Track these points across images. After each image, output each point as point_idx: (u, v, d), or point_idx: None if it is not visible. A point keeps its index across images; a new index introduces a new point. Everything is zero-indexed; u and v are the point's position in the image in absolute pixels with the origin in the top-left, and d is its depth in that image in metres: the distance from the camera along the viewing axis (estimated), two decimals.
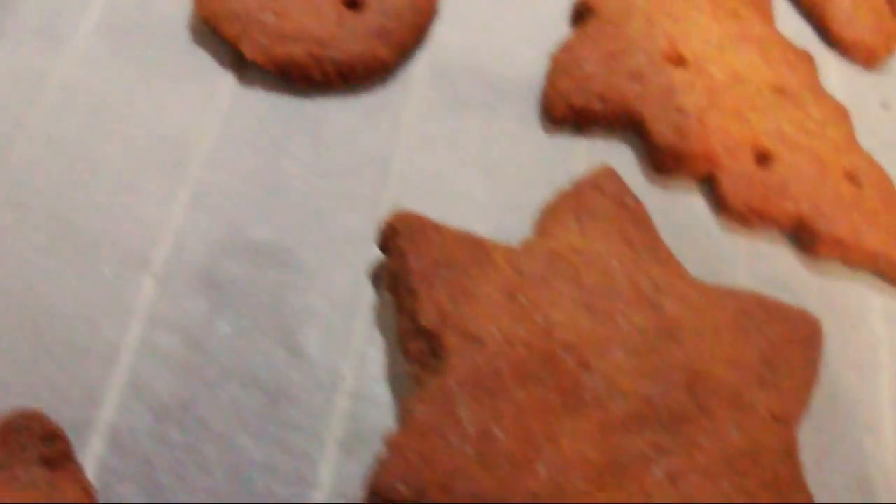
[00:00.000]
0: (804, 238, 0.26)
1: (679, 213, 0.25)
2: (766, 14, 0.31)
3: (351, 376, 0.21)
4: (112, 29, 0.26)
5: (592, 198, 0.24)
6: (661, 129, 0.26)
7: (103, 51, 0.25)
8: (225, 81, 0.25)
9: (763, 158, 0.27)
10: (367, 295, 0.22)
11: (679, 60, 0.27)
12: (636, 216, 0.24)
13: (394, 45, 0.25)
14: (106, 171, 0.23)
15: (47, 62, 0.25)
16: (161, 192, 0.23)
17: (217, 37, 0.25)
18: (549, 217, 0.24)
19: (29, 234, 0.22)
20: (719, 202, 0.26)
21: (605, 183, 0.24)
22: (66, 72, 0.25)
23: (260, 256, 0.22)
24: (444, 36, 0.27)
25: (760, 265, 0.25)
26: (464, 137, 0.25)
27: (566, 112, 0.26)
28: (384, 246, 0.22)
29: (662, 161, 0.26)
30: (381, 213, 0.23)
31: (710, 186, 0.26)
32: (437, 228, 0.22)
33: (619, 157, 0.26)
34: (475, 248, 0.22)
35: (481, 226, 0.23)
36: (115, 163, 0.23)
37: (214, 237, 0.23)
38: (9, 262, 0.22)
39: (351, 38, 0.25)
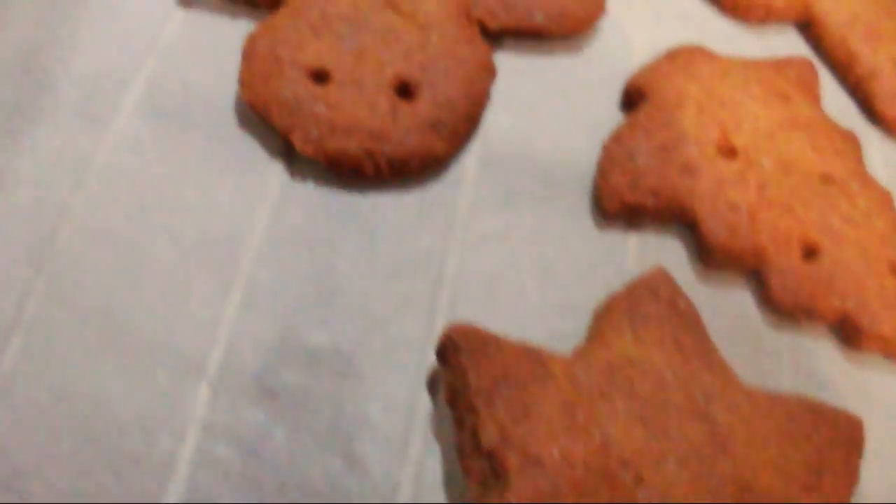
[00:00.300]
0: (848, 333, 0.26)
1: (726, 307, 0.25)
2: (814, 94, 0.31)
3: (408, 486, 0.21)
4: (155, 111, 0.25)
5: (646, 303, 0.24)
6: (713, 227, 0.26)
7: (146, 135, 0.25)
8: (274, 172, 0.25)
9: (810, 252, 0.27)
10: (423, 403, 0.22)
11: (730, 151, 0.27)
12: (688, 321, 0.24)
13: (448, 138, 0.25)
14: (155, 267, 0.23)
15: (89, 146, 0.25)
16: (212, 292, 0.23)
17: (265, 122, 0.25)
18: (604, 323, 0.24)
19: (80, 334, 0.22)
20: (766, 298, 0.26)
21: (658, 286, 0.24)
22: (109, 158, 0.24)
23: (315, 363, 0.22)
24: (495, 123, 0.26)
25: (804, 360, 0.25)
26: (517, 234, 0.25)
27: (619, 208, 0.26)
28: (443, 358, 0.22)
29: (712, 258, 0.26)
30: (437, 317, 0.23)
31: (758, 280, 0.27)
32: (496, 343, 0.22)
33: (670, 251, 0.26)
34: (533, 362, 0.22)
35: (536, 328, 0.23)
36: (165, 259, 0.23)
37: (268, 342, 0.22)
38: (61, 362, 0.21)
39: (405, 131, 0.24)
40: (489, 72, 0.26)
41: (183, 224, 0.24)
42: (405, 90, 0.25)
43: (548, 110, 0.27)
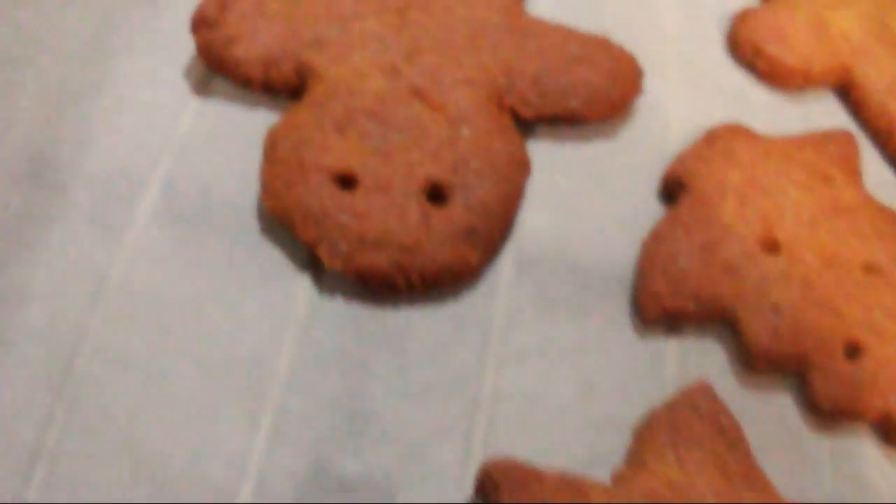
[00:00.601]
0: (890, 432, 0.25)
1: (767, 411, 0.24)
2: (855, 170, 0.29)
3: None
4: (172, 217, 0.24)
5: (688, 422, 0.23)
6: (756, 333, 0.25)
7: (165, 246, 0.23)
8: (301, 286, 0.23)
9: (853, 351, 0.25)
10: None
11: (773, 246, 0.26)
12: (731, 439, 0.23)
13: (482, 247, 0.23)
14: (180, 394, 0.22)
15: (105, 258, 0.23)
16: (241, 420, 0.22)
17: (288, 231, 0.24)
18: (646, 445, 0.23)
19: (106, 465, 0.21)
20: (808, 401, 0.25)
21: (700, 402, 0.24)
22: (126, 271, 0.23)
23: (349, 495, 0.21)
24: (530, 222, 0.25)
25: (845, 462, 0.24)
26: (555, 347, 0.23)
27: (660, 315, 0.24)
28: (482, 495, 0.21)
29: (754, 363, 0.25)
30: (475, 441, 0.22)
31: (799, 380, 0.26)
32: (536, 477, 0.21)
33: (710, 355, 0.25)
34: (574, 494, 0.21)
35: (576, 447, 0.22)
36: (190, 385, 0.22)
37: (301, 473, 0.21)
38: (89, 494, 0.20)
39: (438, 242, 0.23)
40: (524, 168, 0.25)
41: (207, 346, 0.22)
42: (436, 194, 0.24)
43: (584, 204, 0.26)
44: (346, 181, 0.24)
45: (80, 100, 0.25)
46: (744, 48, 0.31)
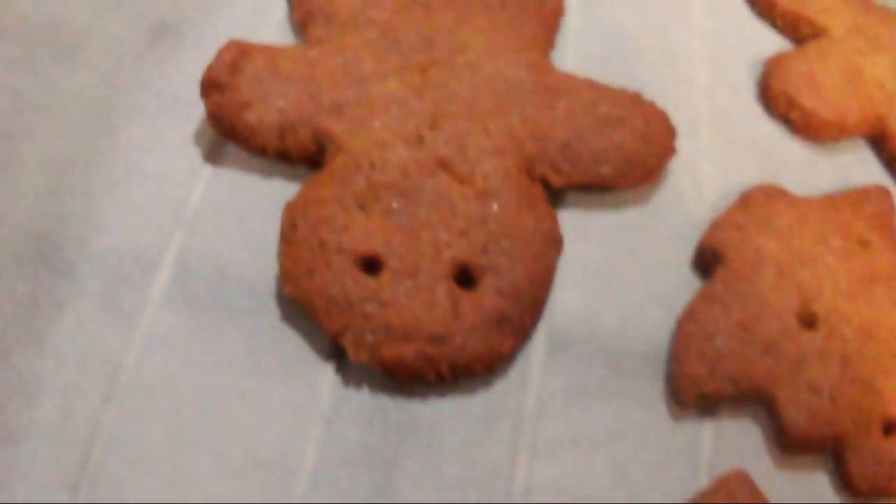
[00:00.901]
0: None
1: (803, 492, 0.24)
2: (892, 232, 0.28)
3: None
4: (186, 300, 0.23)
5: None
6: (793, 415, 0.24)
7: (180, 333, 0.22)
8: (324, 377, 0.22)
9: (889, 428, 0.25)
10: None
11: (811, 320, 0.25)
12: None
13: (514, 334, 0.22)
14: (200, 493, 0.21)
15: (117, 346, 0.22)
16: None
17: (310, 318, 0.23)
18: None
19: None
20: (843, 480, 0.24)
21: (737, 491, 0.23)
22: (140, 361, 0.22)
23: None
24: (561, 300, 0.24)
25: None
26: (587, 434, 0.22)
27: (696, 399, 0.23)
28: None
29: (790, 445, 0.24)
30: None
31: (835, 458, 0.25)
32: None
33: (745, 436, 0.24)
34: None
35: None
36: (211, 485, 0.21)
37: None
38: None
39: (468, 330, 0.22)
40: (556, 244, 0.24)
41: (227, 442, 0.21)
42: (465, 276, 0.23)
43: (616, 278, 0.25)
44: (371, 265, 0.23)
45: (85, 171, 0.24)
46: (777, 100, 0.30)
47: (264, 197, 0.24)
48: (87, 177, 0.24)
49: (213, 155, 0.25)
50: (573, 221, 0.25)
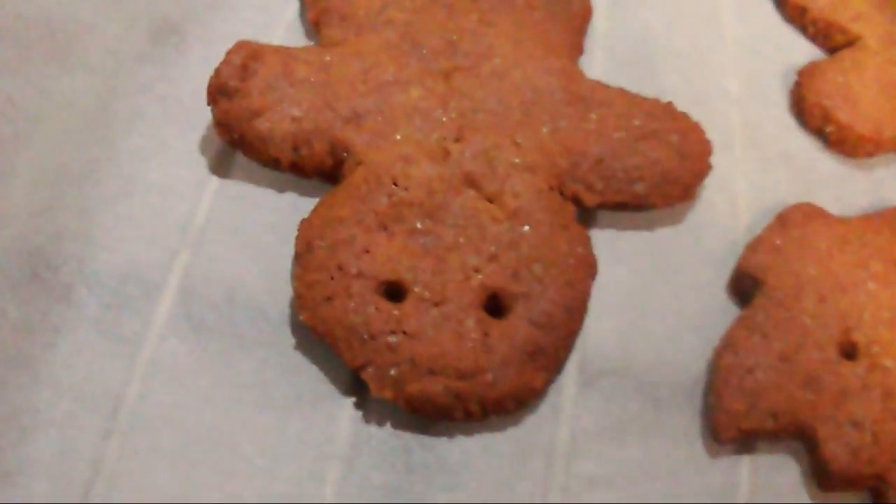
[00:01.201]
0: None
1: None
2: None
3: None
4: (193, 326, 0.21)
5: None
6: (834, 451, 0.23)
7: (186, 362, 0.21)
8: (343, 412, 0.20)
9: None
10: None
11: (852, 351, 0.24)
12: None
13: (547, 367, 0.21)
14: None
15: (119, 377, 0.20)
16: None
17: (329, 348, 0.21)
18: None
19: None
20: None
21: None
22: (143, 392, 0.20)
23: None
24: (594, 329, 0.22)
25: None
26: (622, 474, 0.21)
27: (735, 435, 0.22)
28: None
29: (830, 482, 0.22)
30: None
31: (874, 496, 0.24)
32: None
33: (784, 472, 0.22)
34: None
35: None
36: None
37: None
38: None
39: (499, 365, 0.20)
40: (590, 269, 0.22)
41: (238, 483, 0.20)
42: (495, 304, 0.21)
43: (650, 304, 0.23)
44: (394, 291, 0.21)
45: (82, 184, 0.22)
46: (812, 113, 0.28)
47: (276, 213, 0.23)
48: (85, 190, 0.22)
49: (220, 165, 0.24)
50: (605, 242, 0.24)
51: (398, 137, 0.23)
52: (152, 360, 0.21)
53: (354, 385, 0.21)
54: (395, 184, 0.22)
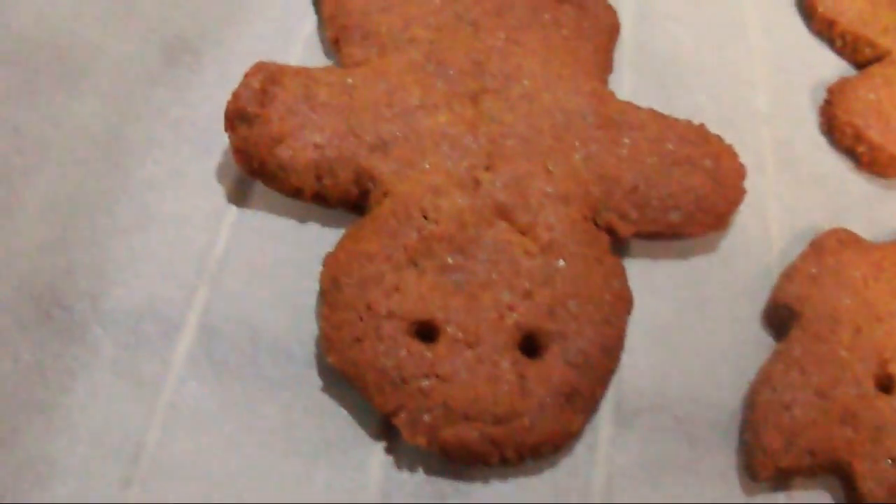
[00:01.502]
0: None
1: None
2: None
3: None
4: (214, 367, 0.20)
5: None
6: (871, 487, 0.22)
7: (207, 406, 0.19)
8: (373, 458, 0.20)
9: None
10: None
11: (889, 383, 0.24)
12: None
13: (584, 409, 0.20)
14: None
15: (138, 421, 0.19)
16: None
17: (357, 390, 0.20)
18: None
19: None
20: None
21: None
22: (164, 438, 0.19)
23: None
24: (629, 365, 0.21)
25: None
26: None
27: (773, 474, 0.22)
28: None
29: None
30: None
31: None
32: None
33: None
34: None
35: None
36: None
37: None
38: None
39: (536, 408, 0.19)
40: (626, 304, 0.21)
41: None
42: (531, 342, 0.21)
43: (685, 338, 0.23)
44: (426, 332, 0.20)
45: (95, 216, 0.21)
46: (843, 132, 0.28)
47: (299, 245, 0.22)
48: (97, 222, 0.21)
49: (239, 194, 0.22)
50: (639, 273, 0.23)
51: (426, 166, 0.22)
52: (172, 403, 0.20)
53: (385, 429, 0.20)
54: (425, 216, 0.21)
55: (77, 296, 0.20)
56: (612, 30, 0.27)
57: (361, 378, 0.20)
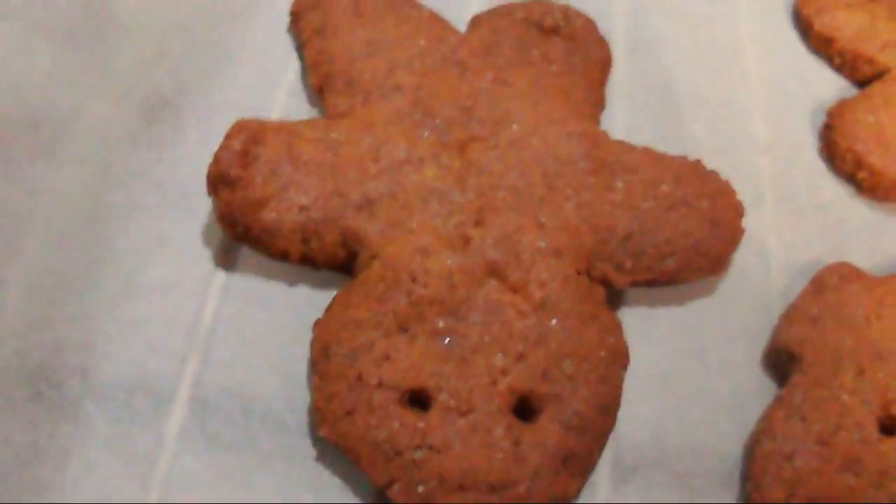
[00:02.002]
0: None
1: None
2: None
3: None
4: (209, 444, 0.19)
5: None
6: None
7: (202, 479, 0.19)
8: None
9: None
10: None
11: (892, 425, 0.23)
12: None
13: (582, 473, 0.20)
14: None
15: (133, 495, 0.19)
16: None
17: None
18: None
19: None
20: None
21: None
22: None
23: None
24: (626, 417, 0.21)
25: None
26: None
27: None
28: None
29: None
30: None
31: None
32: None
33: None
34: None
35: None
36: None
37: None
38: None
39: (531, 474, 0.19)
40: (622, 360, 0.21)
41: None
42: (525, 406, 0.20)
43: (684, 387, 0.22)
44: (418, 399, 0.20)
45: (79, 287, 0.21)
46: (843, 158, 0.27)
47: (289, 310, 0.21)
48: (84, 295, 0.21)
49: (226, 258, 0.22)
50: (635, 322, 0.23)
51: (414, 225, 0.21)
52: (167, 478, 0.20)
53: (380, 500, 0.20)
54: (414, 279, 0.21)
55: (67, 372, 0.20)
56: (604, 64, 0.26)
57: (354, 451, 0.20)
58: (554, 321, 0.21)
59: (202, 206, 0.22)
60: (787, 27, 0.30)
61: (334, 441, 0.20)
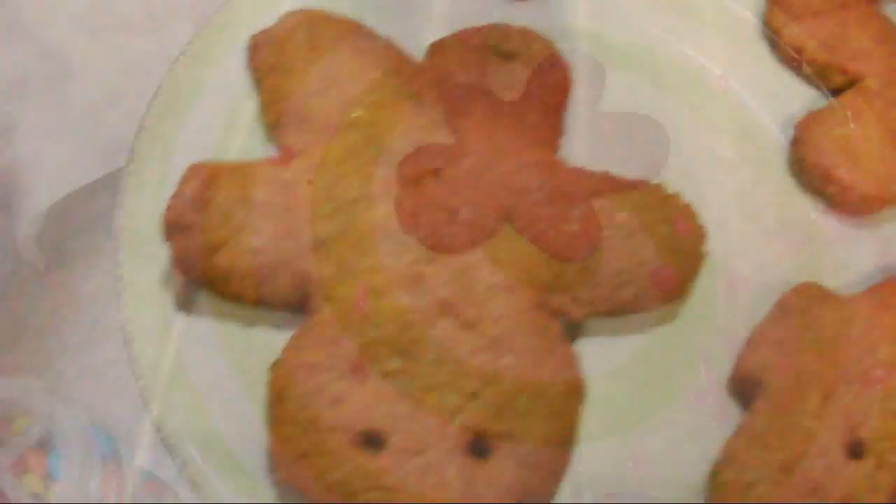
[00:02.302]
0: None
1: None
2: None
3: None
4: (167, 487, 0.20)
5: None
6: None
7: None
8: None
9: None
10: None
11: (858, 449, 0.23)
12: None
13: None
14: None
15: None
16: None
17: None
18: None
19: None
20: None
21: None
22: None
23: None
24: (584, 456, 0.20)
25: None
26: None
27: None
28: None
29: None
30: None
31: None
32: None
33: None
34: None
35: None
36: None
37: None
38: None
39: None
40: (579, 394, 0.21)
41: None
42: (478, 444, 0.20)
43: (645, 417, 0.22)
44: (372, 440, 0.20)
45: (43, 337, 0.22)
46: (811, 173, 0.26)
47: (248, 353, 0.21)
48: (46, 344, 0.22)
49: (185, 302, 0.22)
50: (595, 352, 0.22)
51: (367, 266, 0.22)
52: None
53: None
54: (366, 321, 0.21)
55: (33, 419, 0.21)
56: (563, 88, 0.26)
57: (310, 493, 0.20)
58: (508, 358, 0.21)
59: (161, 250, 0.22)
60: (755, 39, 0.29)
61: (290, 484, 0.20)
